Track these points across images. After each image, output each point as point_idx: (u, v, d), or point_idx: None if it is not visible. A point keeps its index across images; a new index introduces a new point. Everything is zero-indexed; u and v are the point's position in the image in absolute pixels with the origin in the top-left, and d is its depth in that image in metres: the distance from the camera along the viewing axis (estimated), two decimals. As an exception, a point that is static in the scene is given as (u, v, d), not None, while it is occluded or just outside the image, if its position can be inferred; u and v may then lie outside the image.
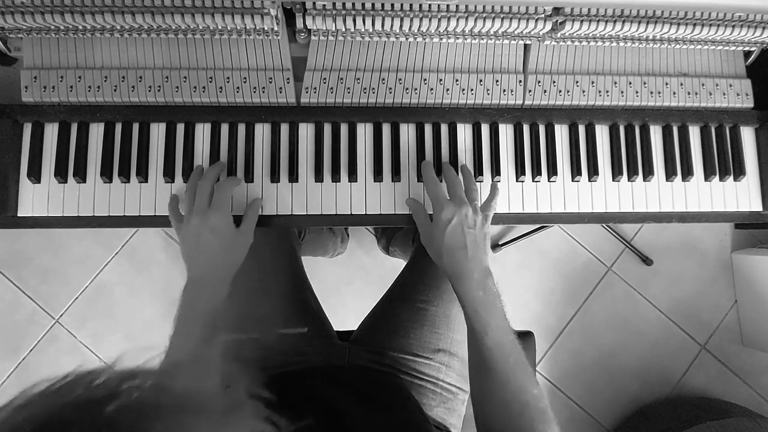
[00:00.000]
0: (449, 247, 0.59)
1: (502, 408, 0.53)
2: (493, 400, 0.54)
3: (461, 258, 0.58)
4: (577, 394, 1.44)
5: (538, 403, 0.53)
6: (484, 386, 0.56)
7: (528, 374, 0.54)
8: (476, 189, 0.63)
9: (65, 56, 0.65)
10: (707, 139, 0.71)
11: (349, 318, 0.93)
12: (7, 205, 0.63)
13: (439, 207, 0.60)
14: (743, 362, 1.46)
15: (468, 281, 0.57)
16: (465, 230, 0.58)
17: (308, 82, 0.66)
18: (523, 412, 0.52)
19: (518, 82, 0.69)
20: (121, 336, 1.39)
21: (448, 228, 0.59)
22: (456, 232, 0.58)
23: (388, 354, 0.72)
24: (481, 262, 0.59)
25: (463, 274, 0.58)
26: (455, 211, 0.59)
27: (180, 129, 0.66)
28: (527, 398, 0.53)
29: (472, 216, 0.60)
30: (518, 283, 1.45)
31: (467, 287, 0.57)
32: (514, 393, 0.53)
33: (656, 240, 1.48)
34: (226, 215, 0.60)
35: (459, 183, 0.62)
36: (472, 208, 0.60)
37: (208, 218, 0.59)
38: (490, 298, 0.57)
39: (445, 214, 0.59)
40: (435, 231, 0.60)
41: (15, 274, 1.39)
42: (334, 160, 0.67)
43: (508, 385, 0.53)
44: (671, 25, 0.62)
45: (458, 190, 0.61)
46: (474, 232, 0.59)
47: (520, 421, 0.52)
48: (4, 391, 1.35)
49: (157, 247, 1.41)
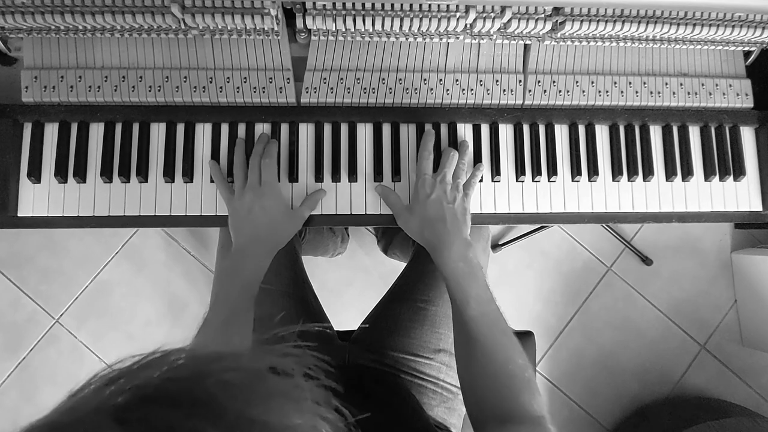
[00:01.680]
0: (429, 219, 0.60)
1: (489, 379, 0.53)
2: (479, 371, 0.54)
3: (441, 229, 0.59)
4: (577, 394, 1.44)
5: (524, 372, 0.52)
6: (470, 357, 0.56)
7: (513, 343, 0.54)
8: (464, 169, 0.64)
9: (65, 56, 0.65)
10: (707, 139, 0.71)
11: (349, 318, 0.93)
12: (7, 205, 0.63)
13: (421, 181, 0.62)
14: (743, 362, 1.46)
15: (448, 252, 0.58)
16: (444, 204, 0.60)
17: (308, 82, 0.67)
18: (510, 383, 0.52)
19: (518, 82, 0.69)
20: (121, 336, 1.39)
21: (428, 200, 0.61)
22: (436, 204, 0.61)
23: (388, 354, 0.72)
24: (460, 232, 0.60)
25: (443, 245, 0.59)
26: (434, 185, 0.61)
27: (180, 129, 0.66)
28: (513, 368, 0.53)
29: (451, 192, 0.62)
30: (518, 283, 1.45)
31: (447, 258, 0.58)
32: (500, 363, 0.53)
33: (656, 240, 1.48)
34: (278, 195, 0.63)
35: (451, 163, 0.63)
36: (454, 185, 0.62)
37: (261, 198, 0.62)
38: (470, 269, 0.58)
39: (425, 189, 0.61)
40: (414, 205, 0.62)
41: (15, 274, 1.38)
42: (334, 160, 0.67)
43: (493, 356, 0.53)
44: (671, 25, 0.62)
45: (446, 168, 0.63)
46: (453, 206, 0.61)
47: (506, 391, 0.52)
48: (5, 392, 1.36)
49: (157, 247, 1.41)
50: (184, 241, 1.42)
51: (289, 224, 0.64)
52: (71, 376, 1.36)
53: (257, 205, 0.61)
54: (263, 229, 0.62)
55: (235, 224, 0.63)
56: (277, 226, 0.63)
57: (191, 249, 1.42)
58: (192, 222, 0.66)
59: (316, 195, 0.66)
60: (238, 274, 0.60)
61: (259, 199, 0.61)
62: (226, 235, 0.77)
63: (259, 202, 0.61)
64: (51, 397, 1.33)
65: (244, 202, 0.62)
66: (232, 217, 0.63)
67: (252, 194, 0.61)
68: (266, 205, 0.62)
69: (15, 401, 1.35)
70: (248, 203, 0.61)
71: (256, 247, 0.62)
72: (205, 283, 1.41)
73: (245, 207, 0.61)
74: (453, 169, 0.63)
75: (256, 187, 0.62)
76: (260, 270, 0.62)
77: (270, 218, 0.62)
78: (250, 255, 0.61)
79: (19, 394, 1.35)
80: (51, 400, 0.23)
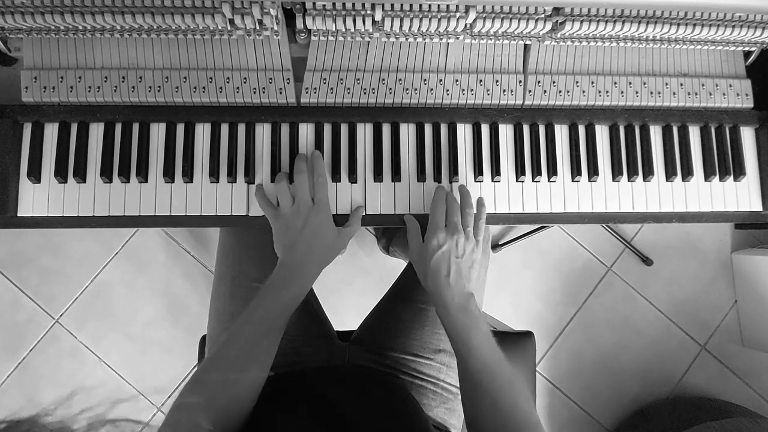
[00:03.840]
0: (433, 272, 0.60)
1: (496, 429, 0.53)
2: (486, 422, 0.54)
3: (443, 284, 0.60)
4: (577, 394, 1.44)
5: (531, 418, 0.53)
6: (476, 408, 0.56)
7: (516, 392, 0.55)
8: (471, 213, 0.63)
9: (65, 56, 0.65)
10: (707, 139, 0.71)
11: (349, 318, 0.93)
12: (7, 205, 0.63)
13: (433, 232, 0.61)
14: (743, 362, 1.46)
15: (449, 307, 0.59)
16: (452, 259, 0.60)
17: (308, 83, 0.67)
18: None
19: (518, 82, 0.69)
20: (121, 336, 1.39)
21: (437, 254, 0.60)
22: (442, 259, 0.60)
23: (388, 354, 0.72)
24: (462, 288, 0.60)
25: (444, 299, 0.59)
26: (446, 239, 0.61)
27: (180, 129, 0.66)
28: (521, 417, 0.53)
29: (462, 244, 0.61)
30: (518, 283, 1.45)
31: (448, 311, 0.59)
32: (507, 414, 0.53)
33: (656, 240, 1.48)
34: (329, 214, 0.63)
35: (455, 207, 0.63)
36: (465, 235, 0.61)
37: (316, 215, 0.61)
38: (471, 321, 0.58)
39: (436, 240, 0.61)
40: (424, 253, 0.62)
41: (15, 274, 1.39)
42: (334, 161, 0.67)
43: (498, 405, 0.54)
44: (671, 26, 0.62)
45: (455, 216, 0.62)
46: (460, 261, 0.61)
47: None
48: (5, 392, 1.36)
49: (157, 247, 1.41)
50: (184, 241, 1.42)
51: (338, 243, 0.64)
52: (71, 376, 1.37)
53: (313, 223, 0.61)
54: (318, 247, 0.61)
55: (286, 241, 0.61)
56: (329, 245, 0.62)
57: (191, 249, 1.42)
58: (192, 222, 0.66)
59: (358, 212, 0.65)
60: (283, 291, 0.59)
61: (315, 217, 0.61)
62: (226, 237, 0.77)
63: (316, 220, 0.61)
64: (51, 397, 1.33)
65: (298, 218, 0.61)
66: (283, 234, 0.62)
67: (307, 212, 0.61)
68: (322, 224, 0.62)
69: (15, 401, 1.35)
70: (303, 220, 0.61)
71: (308, 267, 0.61)
72: (205, 284, 1.41)
73: (299, 224, 0.61)
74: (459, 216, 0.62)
75: (310, 205, 0.62)
76: (305, 290, 0.61)
77: (323, 237, 0.62)
78: (300, 274, 0.60)
79: (19, 394, 1.35)
80: (51, 400, 0.23)
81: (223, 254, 0.77)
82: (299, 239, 0.61)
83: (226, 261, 0.76)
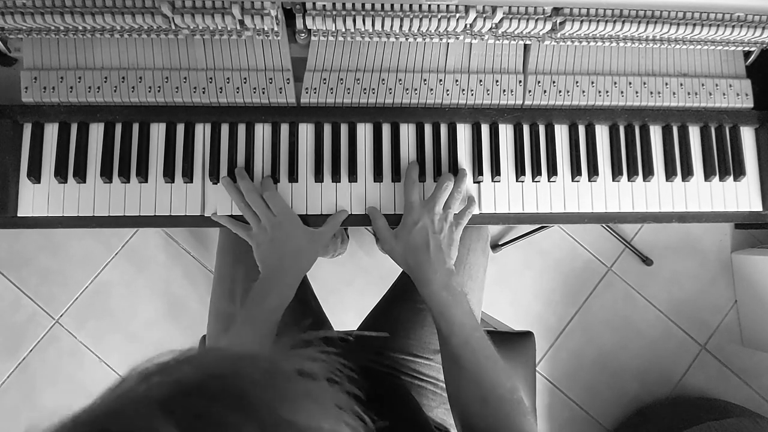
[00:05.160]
0: (412, 248, 0.60)
1: (478, 404, 0.54)
2: (469, 398, 0.55)
3: (423, 260, 0.59)
4: (577, 394, 1.44)
5: (513, 395, 0.53)
6: (459, 385, 0.56)
7: (499, 368, 0.55)
8: (459, 197, 0.64)
9: (65, 57, 0.65)
10: (707, 139, 0.71)
11: (349, 318, 0.93)
12: (7, 205, 0.63)
13: (408, 209, 0.62)
14: (743, 362, 1.46)
15: (431, 283, 0.58)
16: (430, 234, 0.60)
17: (308, 83, 0.67)
18: (500, 407, 0.53)
19: (518, 82, 0.69)
20: (121, 336, 1.39)
21: (414, 230, 0.60)
22: (420, 234, 0.60)
23: (388, 354, 0.72)
24: (443, 263, 0.60)
25: (425, 276, 0.59)
26: (422, 214, 0.61)
27: (180, 129, 0.66)
28: (502, 392, 0.53)
29: (439, 221, 0.61)
30: (518, 283, 1.45)
31: (430, 289, 0.58)
32: (489, 389, 0.54)
33: (656, 240, 1.48)
34: (295, 221, 0.64)
35: (445, 191, 0.63)
36: (443, 215, 0.61)
37: (280, 226, 0.62)
38: (454, 298, 0.58)
39: (412, 217, 0.61)
40: (400, 231, 0.62)
41: (15, 274, 1.38)
42: (334, 161, 0.67)
43: (481, 382, 0.54)
44: (671, 25, 0.62)
45: (438, 198, 0.62)
46: (438, 237, 0.60)
47: (497, 416, 0.52)
48: (5, 392, 1.36)
49: (157, 247, 1.41)
50: (184, 241, 1.42)
51: (311, 248, 0.64)
52: (71, 376, 1.36)
53: (277, 236, 0.62)
54: (288, 257, 0.62)
55: (260, 256, 0.63)
56: (300, 251, 0.63)
57: (191, 249, 1.42)
58: (192, 222, 0.66)
59: (338, 216, 0.65)
60: (263, 302, 0.60)
61: (278, 230, 0.62)
62: (226, 237, 0.77)
63: (279, 233, 0.62)
64: (51, 397, 1.33)
65: (265, 234, 0.62)
66: (257, 251, 0.63)
67: (270, 226, 0.62)
68: (286, 235, 0.62)
69: (15, 401, 1.35)
70: (269, 234, 0.62)
71: (281, 277, 0.62)
72: (205, 284, 1.41)
73: (266, 238, 0.62)
74: (444, 199, 0.63)
75: (271, 218, 0.62)
76: (286, 297, 0.62)
77: (293, 245, 0.62)
78: (276, 284, 0.61)
79: (19, 394, 1.35)
80: (51, 400, 0.23)
81: (223, 254, 0.77)
82: (268, 254, 0.62)
83: (225, 261, 0.76)
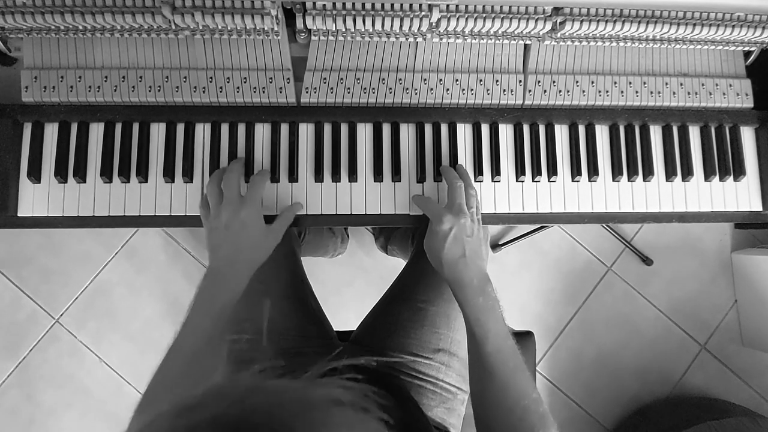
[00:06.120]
0: (449, 258, 0.59)
1: (503, 413, 0.54)
2: (494, 406, 0.55)
3: (461, 267, 0.58)
4: (577, 394, 1.44)
5: (538, 407, 0.53)
6: (485, 392, 0.56)
7: (527, 378, 0.55)
8: (474, 194, 0.63)
9: (65, 56, 0.65)
10: (707, 139, 0.71)
11: (349, 318, 0.93)
12: (7, 205, 0.63)
13: (438, 219, 0.60)
14: (743, 362, 1.46)
15: (468, 289, 0.58)
16: (464, 239, 0.59)
17: (308, 82, 0.66)
18: (524, 417, 0.53)
19: (518, 82, 0.69)
20: (121, 336, 1.39)
21: (448, 239, 0.59)
22: (455, 242, 0.59)
23: (387, 354, 0.72)
24: (480, 269, 0.59)
25: (463, 282, 0.58)
26: (454, 222, 0.59)
27: (180, 129, 0.66)
28: (527, 403, 0.53)
29: (470, 225, 0.60)
30: (518, 283, 1.45)
31: (468, 295, 0.58)
32: (515, 398, 0.53)
33: (656, 240, 1.48)
34: (257, 211, 0.60)
35: (460, 189, 0.61)
36: (469, 216, 0.60)
37: (239, 211, 0.58)
38: (489, 304, 0.57)
39: (444, 225, 0.59)
40: (435, 241, 0.60)
41: (15, 274, 1.38)
42: (334, 160, 0.67)
43: (508, 391, 0.54)
44: (671, 25, 0.62)
45: (458, 197, 0.61)
46: (472, 240, 0.59)
47: (521, 426, 0.52)
48: (5, 392, 1.36)
49: (157, 247, 1.41)
50: (184, 241, 1.42)
51: (266, 243, 0.61)
52: (71, 376, 1.36)
53: (236, 222, 0.58)
54: (245, 246, 0.58)
55: (214, 243, 0.59)
56: (256, 243, 0.60)
57: (191, 249, 1.42)
58: (192, 222, 0.65)
59: (293, 208, 0.64)
60: (214, 300, 0.57)
61: (237, 215, 0.58)
62: None
63: (238, 218, 0.58)
64: (51, 397, 1.33)
65: (220, 219, 0.58)
66: (209, 237, 0.60)
67: (229, 210, 0.58)
68: (247, 220, 0.58)
69: (15, 401, 1.35)
70: (225, 220, 0.58)
71: (236, 268, 0.58)
72: (205, 283, 1.41)
73: (222, 224, 0.58)
74: (464, 199, 0.61)
75: (233, 202, 0.58)
76: (237, 294, 0.58)
77: (250, 234, 0.59)
78: (228, 278, 0.58)
79: (19, 394, 1.35)
80: (51, 400, 0.23)
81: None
82: (224, 239, 0.58)
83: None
